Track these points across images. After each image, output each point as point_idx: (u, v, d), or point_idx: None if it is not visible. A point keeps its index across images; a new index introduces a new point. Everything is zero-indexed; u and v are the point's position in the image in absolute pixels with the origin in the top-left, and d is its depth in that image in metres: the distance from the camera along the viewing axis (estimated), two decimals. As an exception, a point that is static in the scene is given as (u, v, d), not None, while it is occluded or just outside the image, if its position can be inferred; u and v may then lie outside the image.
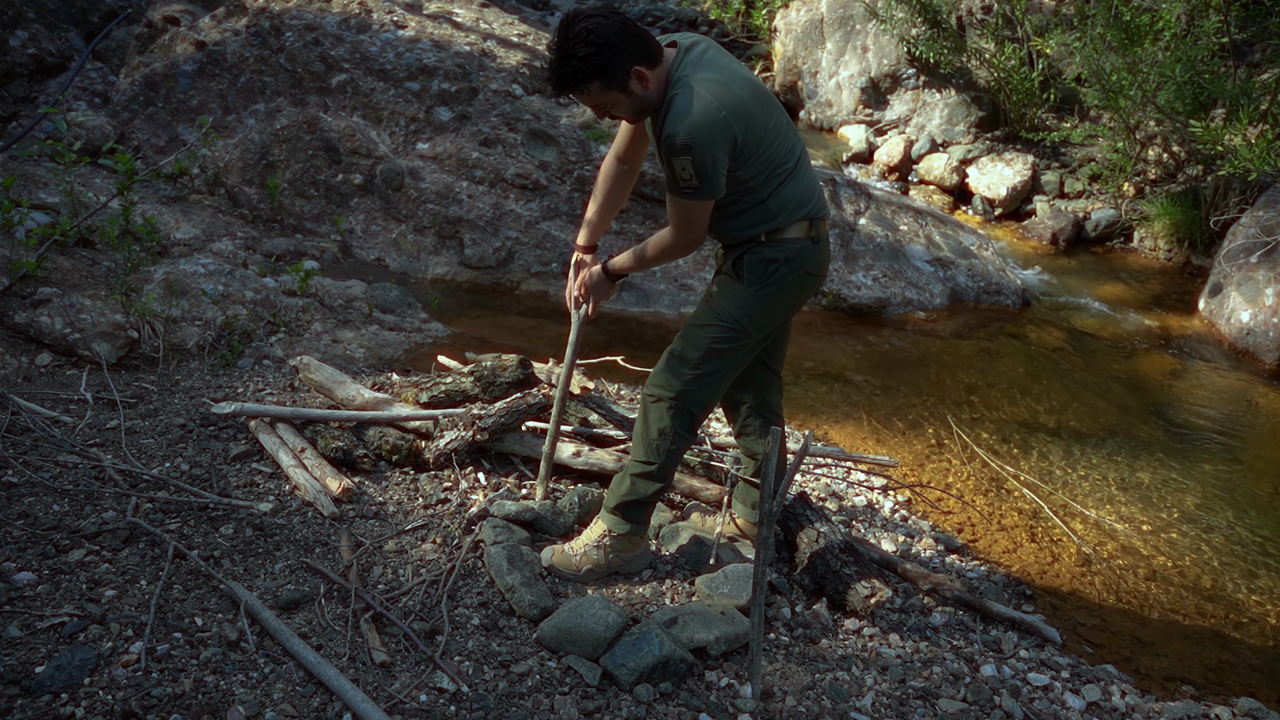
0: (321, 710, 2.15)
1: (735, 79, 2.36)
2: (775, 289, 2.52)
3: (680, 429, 2.61)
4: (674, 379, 2.57)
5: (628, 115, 2.43)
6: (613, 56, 2.26)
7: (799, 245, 2.50)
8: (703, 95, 2.27)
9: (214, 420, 3.33)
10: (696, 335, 2.56)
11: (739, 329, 2.53)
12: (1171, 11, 6.56)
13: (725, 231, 2.54)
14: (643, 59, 2.30)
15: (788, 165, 2.47)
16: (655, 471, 2.65)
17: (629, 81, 2.31)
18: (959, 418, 4.53)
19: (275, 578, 2.59)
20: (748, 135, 2.35)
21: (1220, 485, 4.20)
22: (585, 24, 2.26)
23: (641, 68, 2.30)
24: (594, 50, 2.25)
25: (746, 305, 2.52)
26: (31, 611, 2.30)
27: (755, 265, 2.50)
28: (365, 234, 5.70)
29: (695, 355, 2.54)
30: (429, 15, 6.50)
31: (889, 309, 5.75)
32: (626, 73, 2.30)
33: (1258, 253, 5.80)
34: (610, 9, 2.33)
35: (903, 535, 3.50)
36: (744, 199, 2.45)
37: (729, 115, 2.29)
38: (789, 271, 2.51)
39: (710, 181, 2.32)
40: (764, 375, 2.82)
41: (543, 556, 2.78)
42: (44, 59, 6.62)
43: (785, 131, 2.49)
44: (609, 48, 2.26)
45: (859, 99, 8.71)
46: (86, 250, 4.62)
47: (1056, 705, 2.63)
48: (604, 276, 2.71)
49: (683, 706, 2.33)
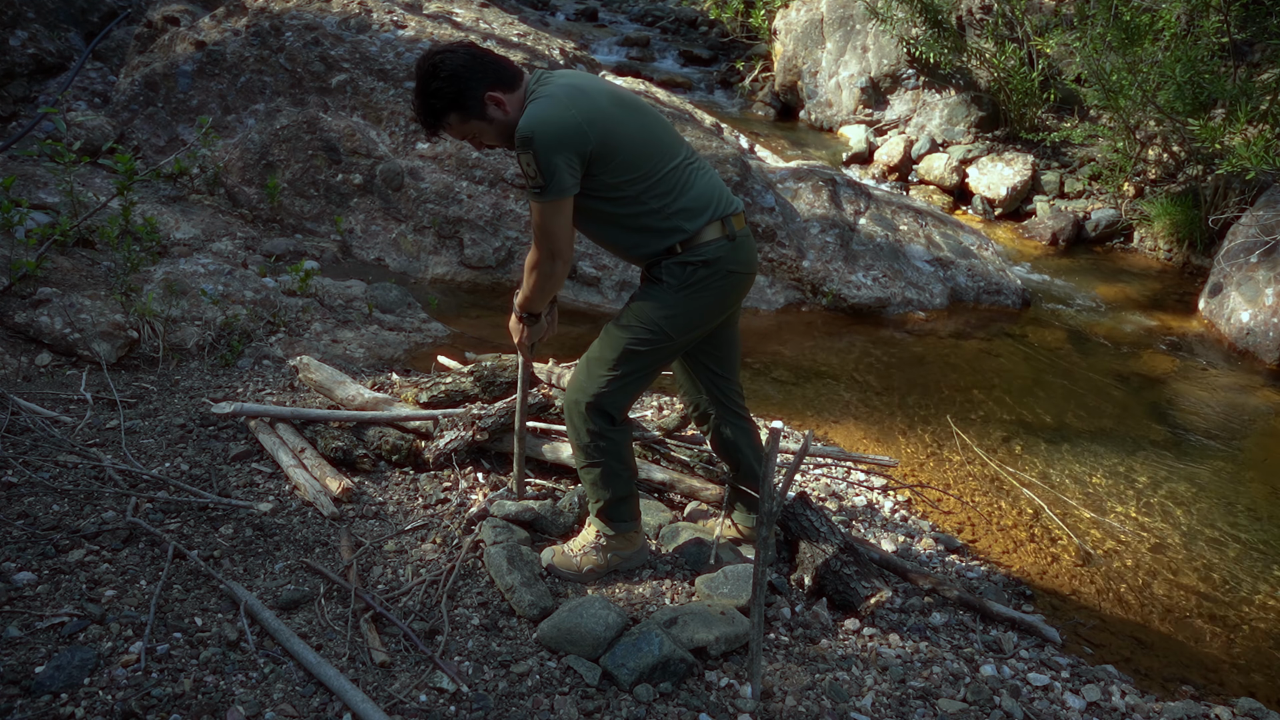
0: (321, 710, 2.15)
1: (591, 85, 2.41)
2: (696, 291, 2.50)
3: (604, 427, 2.60)
4: (590, 382, 2.56)
5: (497, 142, 2.45)
6: (463, 86, 2.34)
7: (717, 246, 2.49)
8: (555, 96, 2.33)
9: (214, 420, 3.32)
10: (615, 337, 2.55)
11: (658, 332, 2.51)
12: (1171, 11, 6.57)
13: (634, 247, 2.53)
14: (497, 85, 2.36)
15: (672, 168, 2.47)
16: (606, 469, 2.64)
17: (485, 108, 2.37)
18: (959, 418, 4.53)
19: (275, 578, 2.59)
20: (606, 137, 2.35)
21: (1220, 485, 4.20)
22: (433, 60, 2.35)
23: (496, 93, 2.35)
24: (442, 84, 2.34)
25: (666, 308, 2.50)
26: (31, 611, 2.30)
27: (673, 269, 2.49)
28: (365, 234, 5.70)
29: (612, 356, 2.54)
30: (429, 15, 6.50)
31: (889, 309, 5.75)
32: (481, 100, 2.36)
33: (1257, 252, 5.80)
34: (460, 44, 2.42)
35: (903, 535, 3.50)
36: (634, 212, 2.45)
37: (579, 116, 2.31)
38: (710, 274, 2.49)
39: (557, 180, 2.31)
40: (721, 383, 2.80)
41: (543, 557, 2.78)
42: (44, 59, 6.62)
43: (661, 134, 2.49)
44: (457, 79, 2.33)
45: (859, 99, 8.71)
46: (86, 250, 4.62)
47: (1056, 705, 2.63)
48: (515, 316, 2.71)
49: (683, 706, 2.33)
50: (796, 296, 5.73)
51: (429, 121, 2.42)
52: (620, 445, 2.65)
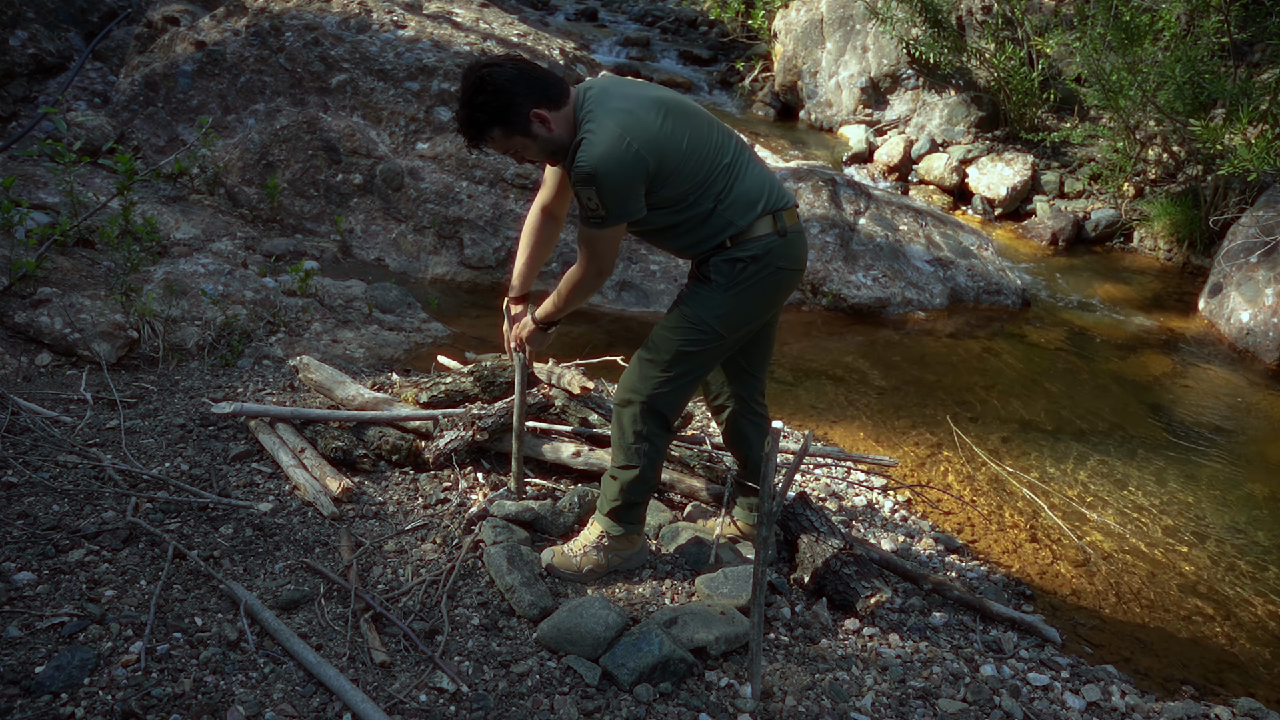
0: (321, 710, 2.15)
1: (642, 103, 2.38)
2: (746, 288, 2.50)
3: (655, 430, 2.61)
4: (642, 383, 2.57)
5: (540, 158, 2.45)
6: (509, 101, 2.31)
7: (767, 242, 2.49)
8: (610, 127, 2.30)
9: (214, 420, 3.32)
10: (665, 338, 2.55)
11: (709, 331, 2.52)
12: (1171, 11, 6.57)
13: (689, 248, 2.54)
14: (543, 101, 2.33)
15: (724, 166, 2.47)
16: (639, 475, 2.65)
17: (530, 125, 2.34)
18: (959, 418, 4.53)
19: (275, 578, 2.59)
20: (663, 159, 2.35)
21: (1220, 485, 4.20)
22: (481, 73, 2.32)
23: (542, 110, 2.33)
24: (488, 97, 2.30)
25: (716, 307, 2.51)
26: (31, 611, 2.30)
27: (722, 266, 2.49)
28: (365, 234, 5.70)
29: (664, 358, 2.54)
30: (429, 15, 6.50)
31: (889, 309, 5.75)
32: (526, 117, 2.33)
33: (1257, 252, 5.80)
34: (509, 58, 2.39)
35: (903, 535, 3.50)
36: (690, 217, 2.46)
37: (639, 146, 2.30)
38: (759, 269, 2.49)
39: (618, 209, 2.34)
40: (747, 380, 2.81)
41: (543, 557, 2.78)
42: (44, 59, 6.62)
43: (710, 134, 2.49)
44: (503, 93, 2.30)
45: (859, 99, 8.71)
46: (86, 250, 4.61)
47: (1056, 705, 2.63)
48: (536, 328, 2.72)
49: (682, 706, 2.33)
50: (796, 296, 5.73)
51: (472, 134, 2.39)
52: (661, 452, 2.67)
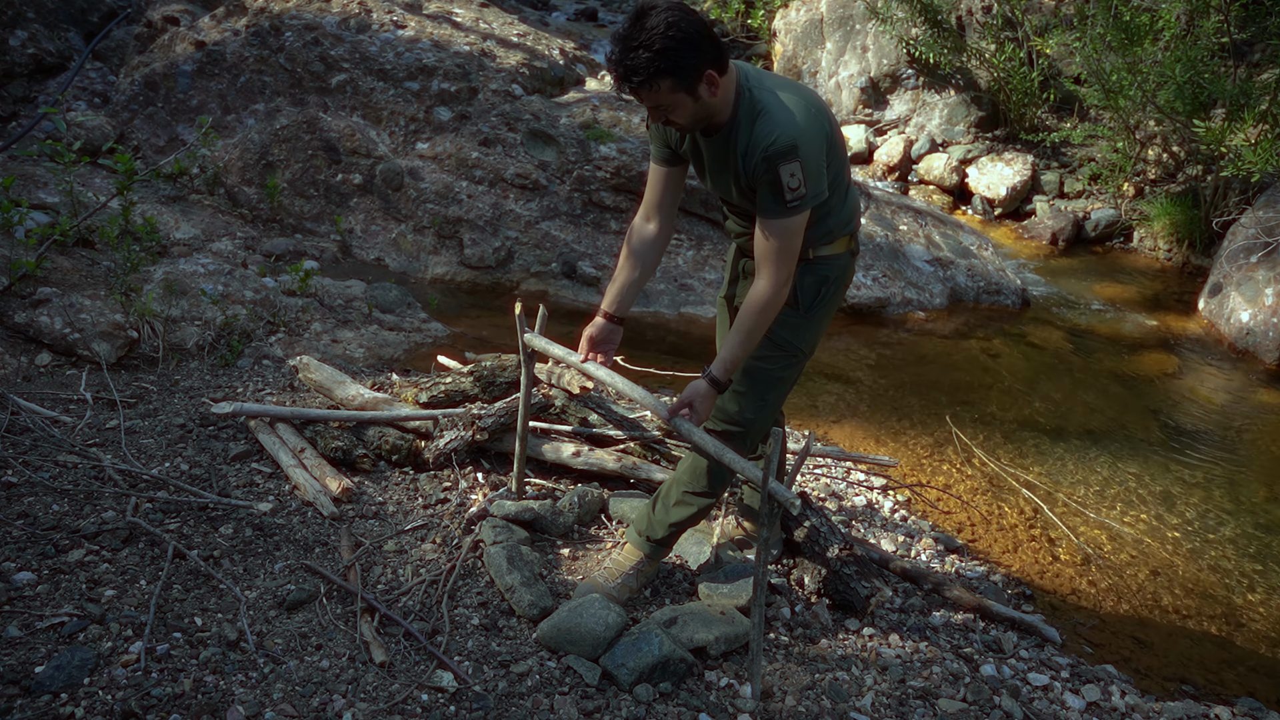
0: (321, 710, 2.15)
1: (800, 87, 2.33)
2: (823, 307, 2.51)
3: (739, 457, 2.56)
4: (744, 413, 2.51)
5: (687, 122, 2.25)
6: (690, 54, 2.10)
7: (844, 262, 2.49)
8: (792, 98, 2.21)
9: (213, 420, 3.32)
10: (757, 369, 2.48)
11: (798, 353, 2.51)
12: (1171, 11, 6.56)
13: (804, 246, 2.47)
14: (716, 63, 2.16)
15: (844, 162, 2.45)
16: (708, 506, 2.63)
17: (699, 85, 2.15)
18: (959, 418, 4.52)
19: (275, 578, 2.59)
20: (832, 142, 2.30)
21: (1220, 485, 4.20)
22: (665, 16, 2.08)
23: (714, 72, 2.15)
24: (671, 45, 2.07)
25: (802, 329, 2.49)
26: (31, 611, 2.30)
27: (809, 289, 2.45)
28: (365, 234, 5.70)
29: (760, 389, 2.51)
30: (429, 15, 6.50)
31: (889, 309, 5.75)
32: (699, 74, 2.13)
33: (1258, 253, 5.80)
34: (688, 8, 2.14)
35: (902, 535, 3.50)
36: (825, 215, 2.40)
37: (821, 116, 2.25)
38: (836, 289, 2.51)
39: (817, 185, 2.23)
40: None
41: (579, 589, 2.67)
42: (44, 59, 6.63)
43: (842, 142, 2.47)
44: (687, 44, 2.09)
45: (859, 99, 8.71)
46: (86, 250, 4.61)
47: (1056, 705, 2.63)
48: (712, 390, 2.39)
49: (682, 706, 2.33)
50: (796, 296, 5.73)
51: (635, 78, 2.12)
52: (727, 482, 2.63)
